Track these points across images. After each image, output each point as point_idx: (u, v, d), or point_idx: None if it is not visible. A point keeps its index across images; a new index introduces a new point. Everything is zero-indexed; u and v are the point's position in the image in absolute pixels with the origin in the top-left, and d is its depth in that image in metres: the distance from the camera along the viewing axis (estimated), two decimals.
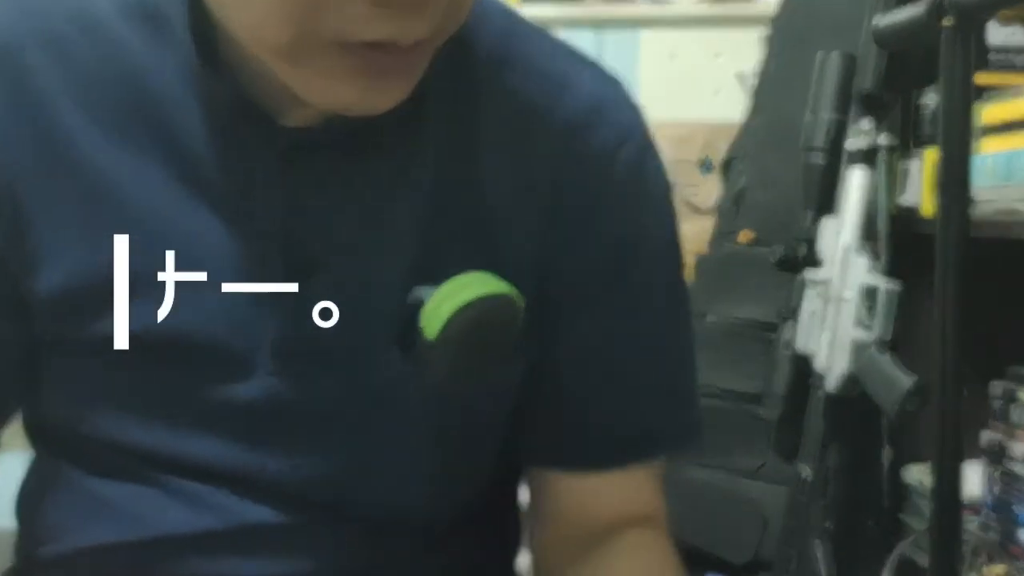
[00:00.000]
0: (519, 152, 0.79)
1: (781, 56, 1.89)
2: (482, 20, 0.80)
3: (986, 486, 1.52)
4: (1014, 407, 1.47)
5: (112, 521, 0.81)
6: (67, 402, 0.82)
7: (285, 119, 0.75)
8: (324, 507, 0.80)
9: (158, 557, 0.80)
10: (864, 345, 1.50)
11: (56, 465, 0.84)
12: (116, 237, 0.74)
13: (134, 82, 0.75)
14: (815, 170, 1.63)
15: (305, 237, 0.76)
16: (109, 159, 0.75)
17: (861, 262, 1.54)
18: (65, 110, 0.75)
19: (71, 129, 0.75)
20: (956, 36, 1.28)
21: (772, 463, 1.67)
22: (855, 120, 1.61)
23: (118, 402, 0.79)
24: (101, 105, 0.75)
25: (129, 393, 0.79)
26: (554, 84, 0.81)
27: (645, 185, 0.84)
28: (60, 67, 0.75)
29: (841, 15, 1.73)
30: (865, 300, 1.52)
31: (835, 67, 1.64)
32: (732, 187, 1.87)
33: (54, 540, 0.84)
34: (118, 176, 0.75)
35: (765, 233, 1.76)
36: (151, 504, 0.80)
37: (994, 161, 1.48)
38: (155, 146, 0.75)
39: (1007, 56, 1.62)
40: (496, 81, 0.80)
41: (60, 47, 0.75)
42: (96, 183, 0.75)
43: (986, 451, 1.51)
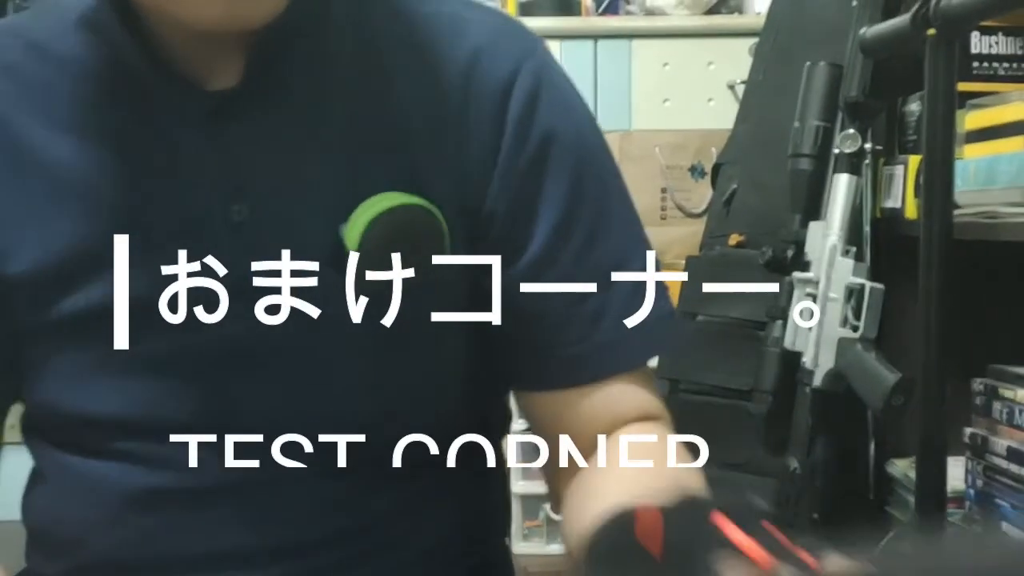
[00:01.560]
0: (427, 83, 0.84)
1: (769, 65, 1.89)
2: None
3: (969, 480, 1.54)
4: (996, 403, 1.49)
5: (102, 495, 0.85)
6: (50, 383, 0.86)
7: (209, 84, 0.82)
8: (292, 449, 0.83)
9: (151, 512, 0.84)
10: (850, 343, 1.53)
11: (47, 453, 0.89)
12: (116, 237, 0.81)
13: (76, 85, 0.84)
14: (802, 175, 1.65)
15: (239, 189, 0.82)
16: (65, 155, 0.83)
17: (847, 264, 1.56)
18: (22, 122, 0.84)
19: (29, 136, 0.84)
20: (940, 45, 1.31)
21: (761, 457, 1.68)
22: (841, 127, 1.63)
23: (102, 373, 0.84)
24: (51, 111, 0.84)
25: (110, 363, 0.83)
26: (451, 20, 0.87)
27: (550, 93, 0.87)
28: (14, 88, 0.85)
29: (828, 25, 1.75)
30: (851, 300, 1.54)
31: (822, 76, 1.66)
32: (722, 192, 1.88)
33: (56, 528, 0.89)
34: (76, 168, 0.83)
35: (754, 236, 1.77)
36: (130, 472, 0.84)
37: (976, 166, 1.51)
38: (103, 136, 0.83)
39: (989, 64, 1.66)
40: (395, 21, 0.86)
41: (10, 71, 0.85)
42: (57, 178, 0.83)
43: (969, 446, 1.54)
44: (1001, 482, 1.48)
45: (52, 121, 0.84)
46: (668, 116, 2.46)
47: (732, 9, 2.59)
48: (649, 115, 2.45)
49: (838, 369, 1.54)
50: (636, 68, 2.44)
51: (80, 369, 0.84)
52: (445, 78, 0.85)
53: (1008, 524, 1.46)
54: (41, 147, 0.84)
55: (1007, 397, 1.47)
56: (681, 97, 2.46)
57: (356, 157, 0.83)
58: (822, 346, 1.56)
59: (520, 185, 0.85)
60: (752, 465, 1.69)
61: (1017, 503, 1.44)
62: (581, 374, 0.87)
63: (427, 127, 0.84)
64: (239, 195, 0.82)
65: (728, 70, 2.42)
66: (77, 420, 0.85)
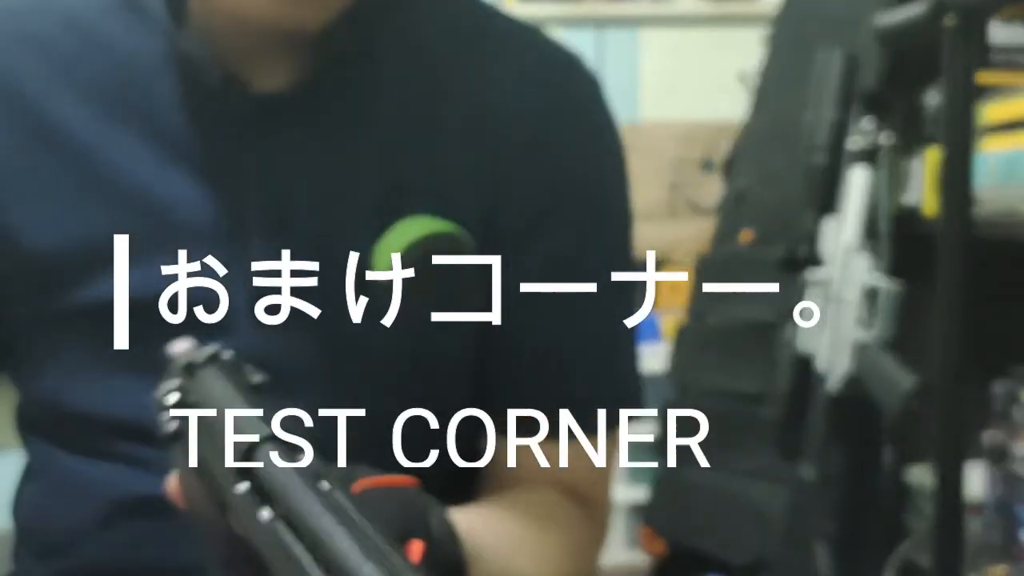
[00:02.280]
0: (469, 106, 0.85)
1: (783, 55, 1.89)
2: None
3: (988, 487, 1.53)
4: (1016, 407, 1.48)
5: (94, 497, 0.83)
6: (51, 377, 0.85)
7: (255, 85, 0.82)
8: None
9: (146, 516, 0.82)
10: (865, 345, 1.51)
11: (42, 450, 0.87)
12: (116, 237, 0.80)
13: (117, 68, 0.83)
14: (816, 170, 1.64)
15: (278, 197, 0.82)
16: (96, 139, 0.82)
17: (862, 262, 1.55)
18: (50, 97, 0.83)
19: (58, 116, 0.82)
20: (958, 35, 1.29)
21: (774, 463, 1.67)
22: (856, 119, 1.62)
23: (103, 371, 0.82)
24: (87, 92, 0.83)
25: (114, 361, 0.81)
26: (495, 39, 0.88)
27: (588, 145, 0.89)
28: (44, 62, 0.83)
29: (843, 14, 1.74)
30: (866, 300, 1.52)
31: (837, 66, 1.65)
32: (733, 187, 1.88)
33: (48, 529, 0.87)
34: (106, 154, 0.82)
35: (766, 233, 1.77)
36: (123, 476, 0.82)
37: (996, 160, 1.49)
38: (140, 124, 0.82)
39: (1009, 55, 1.63)
40: (445, 34, 0.87)
41: (43, 45, 0.84)
42: (83, 161, 0.82)
43: (988, 452, 1.52)
44: (1021, 489, 1.47)
45: (87, 102, 0.82)
46: (677, 107, 2.44)
47: None
48: (657, 106, 2.44)
49: (853, 372, 1.52)
50: (643, 56, 2.42)
51: (82, 366, 0.83)
52: (487, 103, 0.85)
53: None
54: (71, 126, 0.82)
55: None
56: (690, 87, 2.45)
57: (392, 176, 0.83)
58: (836, 348, 1.55)
59: (535, 219, 0.85)
60: (764, 473, 1.68)
61: None
62: None
63: (465, 151, 0.84)
64: (273, 202, 0.81)
65: (740, 59, 2.38)
66: (74, 418, 0.84)
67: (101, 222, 0.81)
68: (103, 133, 0.82)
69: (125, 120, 0.82)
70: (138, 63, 0.83)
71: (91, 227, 0.81)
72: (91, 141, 0.82)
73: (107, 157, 0.82)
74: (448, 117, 0.84)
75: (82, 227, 0.81)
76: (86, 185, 0.82)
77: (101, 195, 0.81)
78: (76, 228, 0.81)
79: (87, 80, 0.83)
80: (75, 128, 0.82)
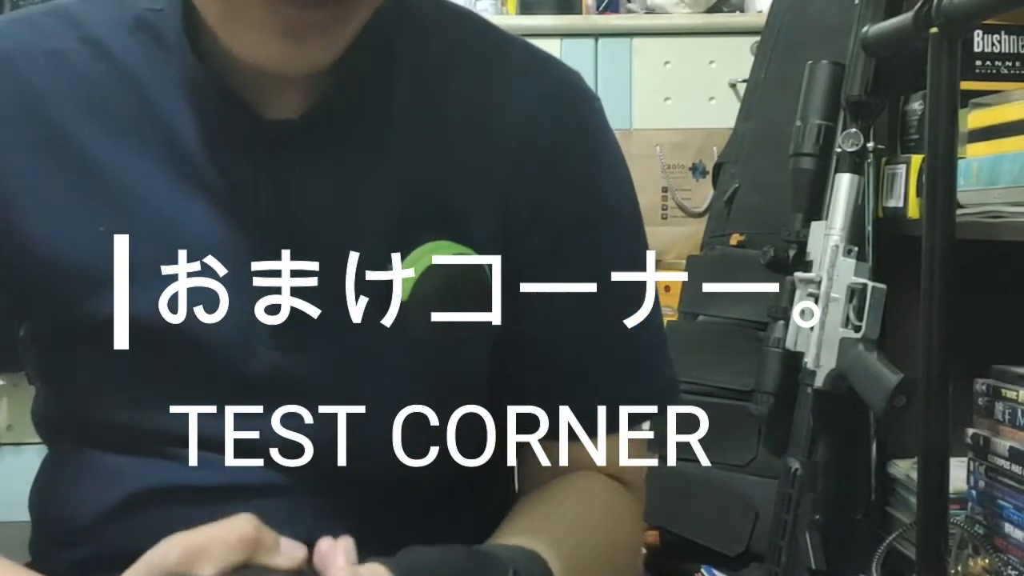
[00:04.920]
0: (482, 131, 0.85)
1: (771, 64, 1.89)
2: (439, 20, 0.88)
3: (971, 480, 1.54)
4: (998, 404, 1.49)
5: (117, 485, 0.85)
6: (74, 395, 0.86)
7: (269, 112, 0.82)
8: (323, 471, 0.84)
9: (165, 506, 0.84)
10: (852, 343, 1.52)
11: (68, 446, 0.88)
12: (116, 237, 0.80)
13: (133, 89, 0.83)
14: (804, 175, 1.65)
15: (293, 222, 0.82)
16: (110, 158, 0.82)
17: (849, 263, 1.56)
18: (67, 113, 0.82)
19: (73, 130, 0.82)
20: (942, 44, 1.30)
21: (763, 457, 1.68)
22: (843, 126, 1.63)
23: (122, 389, 0.83)
24: (102, 110, 0.82)
25: (132, 380, 0.83)
26: (505, 63, 0.89)
27: (598, 161, 0.90)
28: (62, 77, 0.83)
29: (830, 24, 1.75)
30: (853, 300, 1.54)
31: (824, 75, 1.66)
32: (723, 191, 1.88)
33: (69, 516, 0.87)
34: (119, 173, 0.82)
35: (756, 236, 1.77)
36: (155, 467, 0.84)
37: (979, 165, 1.51)
38: (154, 146, 0.82)
39: (992, 63, 1.66)
40: (457, 58, 0.87)
41: (61, 59, 0.83)
42: (98, 177, 0.82)
43: (971, 447, 1.54)
44: (1003, 483, 1.48)
45: (101, 120, 0.82)
46: (669, 115, 2.46)
47: (733, 7, 2.59)
48: (650, 114, 2.45)
49: (840, 370, 1.54)
50: (637, 66, 2.43)
51: (107, 378, 0.84)
52: (499, 127, 0.86)
53: (1010, 526, 1.46)
54: (85, 142, 0.82)
55: (1009, 398, 1.47)
56: (682, 96, 2.46)
57: (407, 200, 0.83)
58: (824, 347, 1.56)
59: (558, 241, 0.87)
60: (754, 466, 1.69)
61: (1019, 504, 1.44)
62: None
63: (480, 177, 0.85)
64: (288, 227, 0.82)
65: (730, 68, 2.42)
66: (101, 424, 0.85)
67: (114, 240, 0.80)
68: (119, 154, 0.82)
69: (140, 142, 0.82)
70: (155, 87, 0.83)
71: (107, 244, 0.80)
72: (108, 161, 0.82)
73: (123, 178, 0.82)
74: (462, 141, 0.85)
75: (97, 243, 0.81)
76: (103, 202, 0.81)
77: (118, 215, 0.81)
78: (92, 243, 0.81)
79: (105, 101, 0.82)
80: (90, 145, 0.82)
